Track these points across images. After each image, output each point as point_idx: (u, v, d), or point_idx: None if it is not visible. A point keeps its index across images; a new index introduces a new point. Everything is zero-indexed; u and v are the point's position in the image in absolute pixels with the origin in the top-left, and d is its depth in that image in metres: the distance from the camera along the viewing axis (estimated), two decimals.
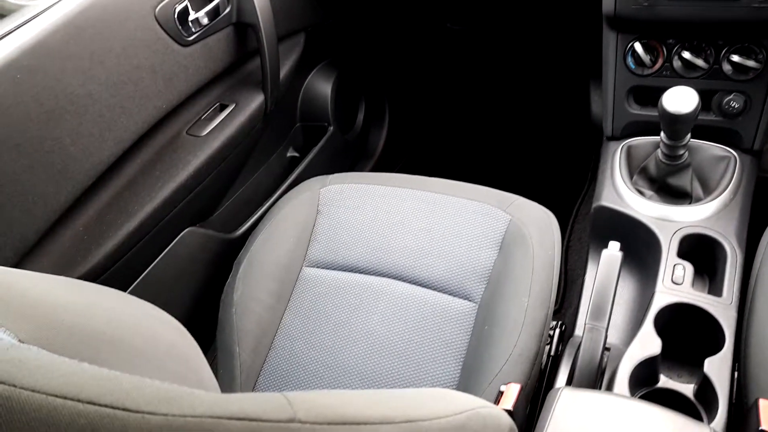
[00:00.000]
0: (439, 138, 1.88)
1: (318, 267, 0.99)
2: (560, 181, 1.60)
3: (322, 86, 1.43)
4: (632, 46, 1.02)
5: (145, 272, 0.97)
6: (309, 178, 1.14)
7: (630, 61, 1.04)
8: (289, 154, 1.40)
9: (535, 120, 1.77)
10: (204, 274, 1.11)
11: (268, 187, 1.32)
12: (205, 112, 1.08)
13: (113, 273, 0.90)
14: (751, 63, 0.97)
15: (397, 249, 0.97)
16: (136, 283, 0.96)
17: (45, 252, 0.83)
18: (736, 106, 1.01)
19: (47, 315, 0.42)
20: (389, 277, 0.95)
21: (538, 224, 0.95)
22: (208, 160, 1.03)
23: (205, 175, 1.04)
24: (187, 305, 1.10)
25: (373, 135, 1.71)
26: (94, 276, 0.87)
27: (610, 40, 1.04)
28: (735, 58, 0.97)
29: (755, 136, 1.03)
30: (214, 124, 1.06)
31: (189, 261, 1.07)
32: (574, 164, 1.61)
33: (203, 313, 1.09)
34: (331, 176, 1.11)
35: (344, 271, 0.98)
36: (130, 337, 0.49)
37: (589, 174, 1.55)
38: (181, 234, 1.03)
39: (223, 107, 1.10)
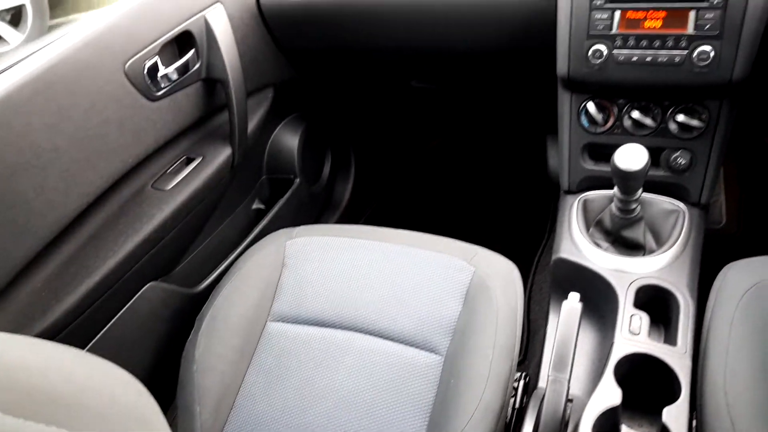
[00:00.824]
0: (404, 189, 1.92)
1: (283, 321, 0.99)
2: (521, 232, 1.65)
3: (290, 139, 1.45)
4: (585, 105, 1.08)
5: (105, 329, 0.95)
6: (274, 230, 1.14)
7: (584, 119, 1.09)
8: (254, 207, 1.41)
9: (496, 172, 1.83)
10: (166, 331, 1.09)
11: (232, 240, 1.31)
12: (172, 166, 1.08)
13: (72, 330, 0.88)
14: (695, 122, 1.03)
15: (363, 302, 0.97)
16: (95, 340, 0.93)
17: (1, 309, 0.81)
18: (682, 163, 1.07)
19: (3, 376, 0.41)
20: (355, 331, 0.95)
21: (501, 276, 0.98)
22: (173, 214, 1.03)
23: (170, 229, 1.03)
24: (148, 363, 1.07)
25: (339, 186, 1.73)
26: (53, 333, 0.85)
27: (564, 100, 1.10)
28: (680, 117, 1.04)
29: (701, 191, 1.09)
30: (180, 178, 1.06)
31: (150, 317, 1.05)
32: (533, 216, 1.66)
33: (164, 371, 1.06)
34: (297, 229, 1.12)
35: (309, 325, 0.97)
36: (88, 399, 0.48)
37: (548, 225, 1.59)
38: (142, 289, 1.02)
39: (189, 160, 1.11)
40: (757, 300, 0.85)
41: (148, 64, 0.97)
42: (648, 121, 1.05)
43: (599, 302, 1.00)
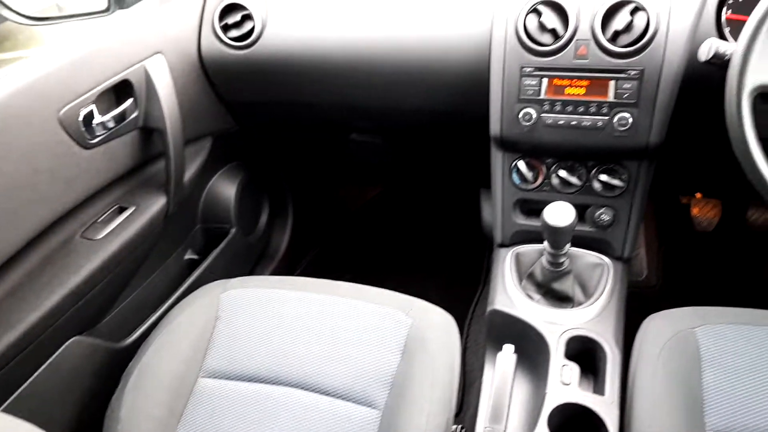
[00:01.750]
0: (342, 239, 1.93)
1: (215, 377, 0.95)
2: (457, 283, 1.68)
3: (227, 188, 1.44)
4: (516, 164, 1.14)
5: (24, 387, 0.89)
6: (208, 282, 1.12)
7: (515, 177, 1.15)
8: (187, 257, 1.38)
9: (433, 223, 1.87)
10: (90, 388, 1.03)
11: (163, 292, 1.27)
12: (103, 215, 1.05)
13: None
14: (616, 182, 1.10)
15: (300, 356, 0.96)
16: (12, 398, 0.87)
17: None
18: (606, 219, 1.14)
19: None
20: (291, 386, 0.93)
21: (438, 327, 0.99)
22: (102, 265, 0.99)
23: (98, 281, 0.99)
24: (69, 422, 1.00)
25: (276, 236, 1.72)
26: None
27: (497, 158, 1.15)
28: (603, 177, 1.11)
29: (624, 246, 1.15)
30: (112, 227, 1.03)
31: (74, 373, 0.99)
32: (468, 267, 1.70)
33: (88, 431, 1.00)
34: (232, 280, 1.10)
35: (243, 381, 0.95)
36: None
37: (482, 277, 1.63)
38: (66, 344, 0.97)
39: (122, 209, 1.08)
40: (676, 350, 0.90)
41: (84, 112, 0.95)
42: (574, 179, 1.12)
43: (532, 353, 1.03)
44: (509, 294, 1.10)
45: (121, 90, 1.03)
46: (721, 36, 0.99)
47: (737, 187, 0.86)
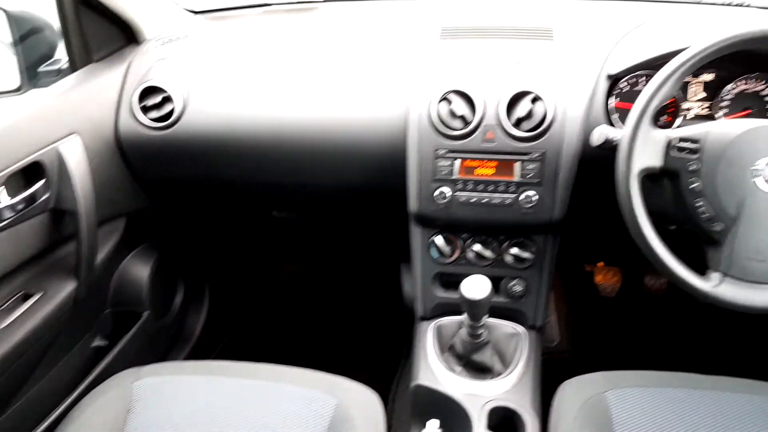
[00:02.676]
0: (261, 319, 1.89)
1: None
2: (379, 359, 1.68)
3: (139, 270, 1.39)
4: (434, 239, 1.18)
5: None
6: (119, 370, 1.06)
7: (433, 251, 1.20)
8: (95, 344, 1.30)
9: (354, 299, 1.88)
10: None
11: (69, 383, 1.19)
12: (6, 302, 0.99)
13: None
14: (525, 254, 1.17)
15: None
16: None
17: None
18: (518, 290, 1.20)
19: None
20: None
21: (363, 406, 0.98)
22: (3, 357, 0.92)
23: None
24: None
25: (190, 318, 1.66)
26: None
27: (416, 233, 1.20)
28: (514, 250, 1.17)
29: (536, 314, 1.22)
30: (16, 316, 0.97)
31: None
32: (391, 342, 1.70)
33: None
34: (144, 368, 1.05)
35: None
36: None
37: (404, 351, 1.64)
38: None
39: (27, 296, 1.02)
40: (589, 416, 0.95)
41: None
42: (488, 253, 1.18)
43: (456, 426, 1.04)
44: (432, 367, 1.12)
45: (33, 171, 1.00)
46: (611, 122, 1.11)
47: (634, 256, 0.94)
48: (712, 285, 0.87)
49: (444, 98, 1.08)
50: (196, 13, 1.40)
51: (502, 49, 1.14)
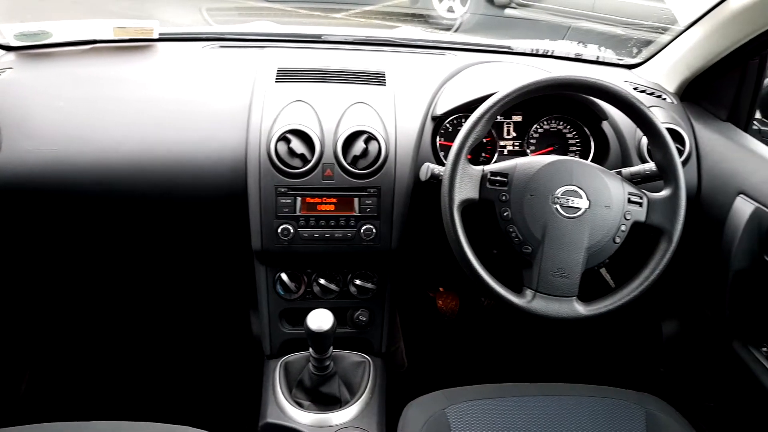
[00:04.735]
0: (96, 368, 1.75)
1: None
2: (229, 401, 1.63)
3: None
4: (279, 276, 1.20)
5: None
6: None
7: (279, 288, 1.21)
8: None
9: (202, 346, 1.80)
10: None
11: None
12: None
13: None
14: (369, 285, 1.23)
15: None
16: None
17: None
18: (363, 319, 1.25)
19: None
20: None
21: None
22: None
23: None
24: None
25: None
26: None
27: (261, 272, 1.21)
28: (357, 282, 1.23)
29: (381, 342, 1.27)
30: None
31: None
32: (240, 383, 1.66)
33: None
34: None
35: None
36: None
37: (253, 391, 1.61)
38: None
39: None
40: None
41: None
42: (333, 286, 1.22)
43: None
44: (280, 404, 1.12)
45: None
46: (440, 159, 1.21)
47: (466, 279, 1.03)
48: (526, 301, 0.99)
49: (283, 137, 1.11)
50: (10, 49, 1.29)
51: (338, 92, 1.20)
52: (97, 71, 1.24)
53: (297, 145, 1.11)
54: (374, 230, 1.15)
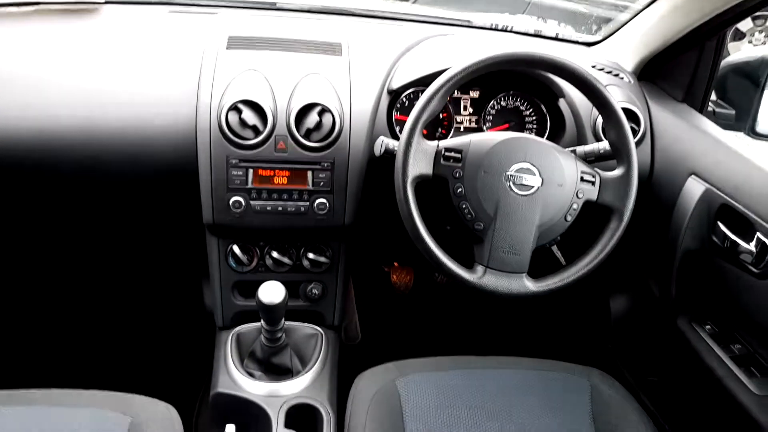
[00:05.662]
0: (39, 338, 1.71)
1: None
2: (181, 372, 1.62)
3: None
4: (231, 248, 1.19)
5: None
6: None
7: (231, 260, 1.20)
8: None
9: (152, 315, 1.78)
10: None
11: None
12: None
13: None
14: (322, 259, 1.23)
15: None
16: None
17: None
18: (316, 293, 1.25)
19: None
20: None
21: (159, 421, 0.96)
22: None
23: None
24: None
25: None
26: None
27: (212, 244, 1.19)
28: (310, 255, 1.23)
29: (334, 315, 1.28)
30: None
31: None
32: (192, 354, 1.66)
33: None
34: None
35: None
36: None
37: (205, 362, 1.61)
38: None
39: None
40: (382, 403, 1.03)
41: None
42: (285, 259, 1.22)
43: (257, 429, 1.06)
44: (231, 374, 1.12)
45: None
46: (395, 134, 1.20)
47: (419, 255, 1.04)
48: (477, 276, 1.00)
49: (234, 107, 1.09)
50: None
51: (292, 61, 1.17)
52: (39, 36, 1.18)
53: (249, 116, 1.09)
54: (327, 204, 1.14)
